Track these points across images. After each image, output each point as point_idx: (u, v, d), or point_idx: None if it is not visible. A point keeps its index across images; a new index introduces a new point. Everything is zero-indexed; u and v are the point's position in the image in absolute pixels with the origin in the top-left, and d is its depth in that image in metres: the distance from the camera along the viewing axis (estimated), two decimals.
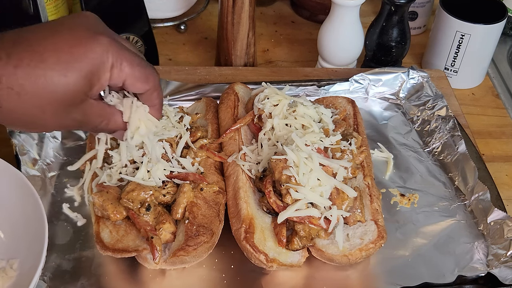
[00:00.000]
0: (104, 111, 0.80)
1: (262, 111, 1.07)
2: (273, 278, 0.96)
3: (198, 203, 0.96)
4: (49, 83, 0.69)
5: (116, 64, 0.74)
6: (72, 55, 0.70)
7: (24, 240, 0.88)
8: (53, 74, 0.69)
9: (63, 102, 0.71)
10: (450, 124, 1.18)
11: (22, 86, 0.67)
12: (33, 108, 0.70)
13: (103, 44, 0.72)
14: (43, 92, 0.69)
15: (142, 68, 0.78)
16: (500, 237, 0.99)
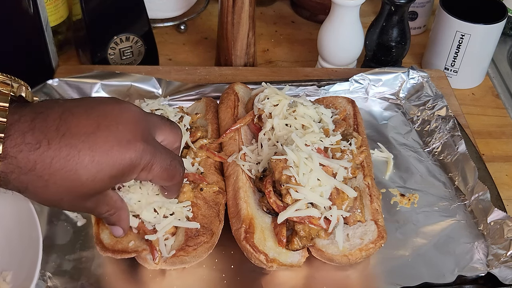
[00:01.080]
0: (113, 205, 0.82)
1: (262, 111, 1.07)
2: (273, 278, 0.96)
3: (198, 203, 0.96)
4: (77, 180, 0.70)
5: (146, 168, 0.76)
6: (107, 157, 0.71)
7: (17, 251, 0.86)
8: (84, 172, 0.70)
9: (83, 195, 0.73)
10: (450, 124, 1.18)
11: (52, 176, 0.69)
12: (54, 195, 0.71)
13: (139, 151, 0.73)
14: (69, 185, 0.70)
15: (171, 169, 0.80)
16: (500, 237, 0.99)
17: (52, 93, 1.19)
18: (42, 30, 1.22)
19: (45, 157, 0.67)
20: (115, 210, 0.82)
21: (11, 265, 0.87)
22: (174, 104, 1.23)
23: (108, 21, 1.31)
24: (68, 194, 0.72)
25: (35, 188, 0.69)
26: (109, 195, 0.80)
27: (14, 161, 0.66)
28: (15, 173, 0.67)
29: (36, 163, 0.67)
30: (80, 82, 1.22)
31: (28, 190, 0.70)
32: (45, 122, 0.69)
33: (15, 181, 0.68)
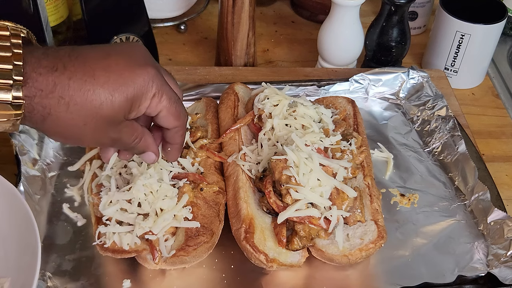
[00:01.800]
0: (137, 130, 0.83)
1: (262, 111, 1.07)
2: (273, 278, 0.96)
3: (198, 203, 0.96)
4: (96, 99, 0.73)
5: (157, 95, 0.78)
6: (121, 78, 0.74)
7: (15, 258, 0.85)
8: (101, 91, 0.73)
9: (104, 120, 0.75)
10: (450, 124, 1.18)
11: (72, 97, 0.71)
12: (78, 119, 0.73)
13: (150, 74, 0.77)
14: (89, 107, 0.73)
15: (178, 106, 0.83)
16: (500, 237, 0.99)
17: None
18: (42, 30, 1.22)
19: (63, 78, 0.71)
20: (141, 136, 0.84)
21: (9, 272, 0.85)
22: None
23: (108, 21, 1.31)
24: (89, 118, 0.74)
25: (58, 113, 0.71)
26: (130, 124, 0.81)
27: (35, 84, 0.69)
28: (37, 96, 0.69)
29: (55, 84, 0.70)
30: None
31: (51, 116, 0.72)
32: (57, 52, 0.73)
33: (38, 105, 0.70)
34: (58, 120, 0.73)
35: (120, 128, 0.79)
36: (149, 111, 0.81)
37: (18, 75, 0.68)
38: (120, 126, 0.79)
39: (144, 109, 0.80)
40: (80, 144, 0.82)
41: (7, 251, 0.87)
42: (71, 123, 0.74)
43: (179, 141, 0.90)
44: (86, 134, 0.76)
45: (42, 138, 1.13)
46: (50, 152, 1.12)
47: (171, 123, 0.84)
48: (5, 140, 1.09)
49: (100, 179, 1.00)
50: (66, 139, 0.79)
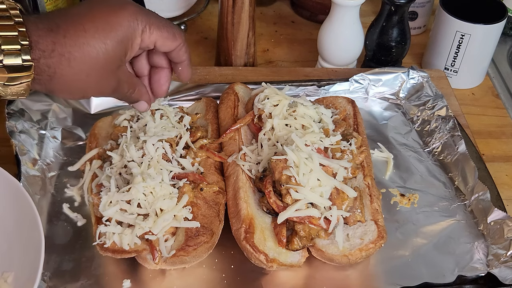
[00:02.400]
0: (132, 80, 0.90)
1: (262, 111, 1.07)
2: (273, 278, 0.96)
3: (198, 203, 0.96)
4: (92, 50, 0.78)
5: (145, 29, 0.84)
6: (108, 24, 0.80)
7: (19, 252, 0.86)
8: (94, 42, 0.78)
9: (104, 68, 0.81)
10: (450, 124, 1.18)
11: (71, 53, 0.77)
12: (80, 73, 0.79)
13: (132, 12, 0.82)
14: (88, 58, 0.78)
15: (169, 28, 0.88)
16: (500, 237, 0.99)
17: None
18: None
19: (59, 37, 0.76)
20: (134, 86, 0.90)
21: (13, 266, 0.86)
22: (174, 104, 1.23)
23: None
24: (91, 70, 0.80)
25: (61, 70, 0.77)
26: (126, 71, 0.88)
27: (38, 46, 0.74)
28: (42, 57, 0.75)
29: (54, 43, 0.76)
30: None
31: (56, 75, 0.77)
32: (49, 16, 0.80)
33: (44, 66, 0.76)
34: (63, 77, 0.78)
35: (118, 74, 0.85)
36: (144, 45, 0.86)
37: (24, 40, 0.73)
38: (119, 72, 0.85)
39: (137, 47, 0.84)
40: (85, 96, 0.86)
41: (11, 246, 0.88)
42: (75, 77, 0.79)
43: (186, 57, 0.94)
44: (90, 85, 0.82)
45: (42, 138, 1.13)
46: (50, 152, 1.12)
47: (170, 46, 0.89)
48: (5, 140, 1.09)
49: (100, 179, 1.00)
50: (73, 94, 0.84)
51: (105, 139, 1.11)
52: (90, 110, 1.23)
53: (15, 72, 0.74)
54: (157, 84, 0.96)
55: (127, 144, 1.00)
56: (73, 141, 1.16)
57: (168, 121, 1.06)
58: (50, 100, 1.19)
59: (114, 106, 1.24)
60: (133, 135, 1.04)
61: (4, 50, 0.72)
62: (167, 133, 1.02)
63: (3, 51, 0.72)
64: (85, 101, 1.22)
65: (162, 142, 1.00)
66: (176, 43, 0.90)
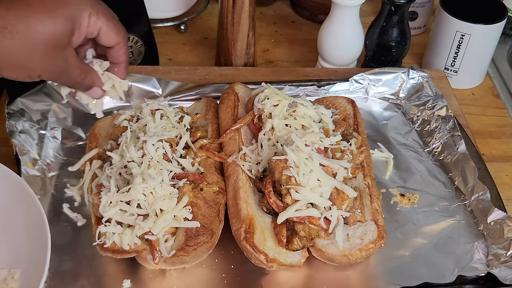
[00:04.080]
0: (82, 66, 0.89)
1: (262, 111, 1.07)
2: (273, 278, 0.96)
3: (198, 203, 0.96)
4: (38, 24, 0.78)
5: (93, 13, 0.84)
6: (55, 2, 0.80)
7: (26, 249, 0.87)
8: (40, 16, 0.78)
9: (50, 43, 0.80)
10: (450, 124, 1.18)
11: (14, 25, 0.76)
12: (24, 48, 0.78)
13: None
14: (32, 32, 0.78)
15: (116, 22, 0.89)
16: (500, 237, 0.99)
17: (52, 93, 1.19)
18: None
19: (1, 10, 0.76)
20: (85, 71, 0.90)
21: (20, 263, 0.87)
22: (174, 104, 1.23)
23: None
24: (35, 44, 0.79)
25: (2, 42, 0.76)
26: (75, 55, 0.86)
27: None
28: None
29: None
30: None
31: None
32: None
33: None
34: (5, 52, 0.77)
35: (66, 55, 0.84)
36: (90, 30, 0.85)
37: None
38: (66, 52, 0.84)
39: (85, 29, 0.84)
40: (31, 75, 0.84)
41: (18, 243, 0.89)
42: (19, 52, 0.78)
43: (124, 59, 0.94)
44: (35, 61, 0.81)
45: (42, 138, 1.13)
46: (50, 152, 1.12)
47: (112, 39, 0.89)
48: (5, 140, 1.09)
49: (100, 179, 1.00)
50: (18, 72, 0.82)
51: (105, 139, 1.11)
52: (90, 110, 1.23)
53: None
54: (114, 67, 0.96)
55: (127, 144, 1.00)
56: (73, 141, 1.16)
57: (168, 121, 1.06)
58: (50, 100, 1.19)
59: (114, 106, 1.24)
60: (133, 135, 1.04)
61: None
62: (167, 133, 1.02)
63: None
64: None
65: (162, 142, 0.99)
66: (118, 39, 0.90)
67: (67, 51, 0.84)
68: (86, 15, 0.84)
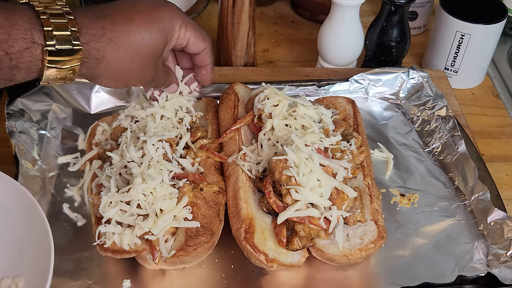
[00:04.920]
0: (166, 68, 1.02)
1: (262, 111, 1.07)
2: (273, 278, 0.96)
3: (198, 203, 0.96)
4: (138, 37, 0.88)
5: (183, 25, 0.95)
6: (152, 16, 0.90)
7: (30, 258, 0.87)
8: (140, 30, 0.88)
9: (147, 55, 0.90)
10: (450, 124, 1.18)
11: (118, 38, 0.86)
12: (126, 58, 0.87)
13: (173, 9, 0.94)
14: (134, 45, 0.87)
15: (201, 30, 1.01)
16: (500, 237, 0.99)
17: (52, 93, 1.20)
18: None
19: (108, 23, 0.85)
20: (168, 72, 1.03)
21: (23, 271, 0.87)
22: None
23: None
24: (136, 56, 0.88)
25: (109, 54, 0.85)
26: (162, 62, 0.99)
27: (87, 31, 0.83)
28: (92, 41, 0.83)
29: (103, 29, 0.84)
30: (80, 82, 1.22)
31: (104, 59, 0.85)
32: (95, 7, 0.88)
33: (93, 49, 0.84)
34: (110, 62, 0.86)
35: (157, 63, 0.95)
36: (180, 41, 0.97)
37: (73, 26, 0.81)
38: (158, 61, 0.95)
39: (175, 40, 0.95)
40: (127, 84, 0.94)
41: (22, 251, 0.89)
42: (121, 62, 0.87)
43: (210, 61, 1.07)
44: (133, 72, 0.90)
45: (42, 138, 1.13)
46: (50, 152, 1.12)
47: (200, 46, 1.01)
48: (5, 140, 1.09)
49: (100, 179, 1.00)
50: (116, 81, 0.92)
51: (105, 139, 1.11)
52: (90, 110, 1.23)
53: (67, 56, 0.81)
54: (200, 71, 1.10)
55: (127, 144, 1.00)
56: (73, 141, 1.16)
57: (169, 121, 1.06)
58: (50, 100, 1.19)
59: (114, 106, 1.24)
60: (133, 135, 1.04)
61: (56, 35, 0.79)
62: (167, 133, 1.02)
63: (55, 37, 0.79)
64: (85, 101, 1.22)
65: (162, 142, 0.99)
66: (205, 45, 1.02)
67: (158, 61, 0.95)
68: (177, 28, 0.94)
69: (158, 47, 0.92)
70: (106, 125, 1.13)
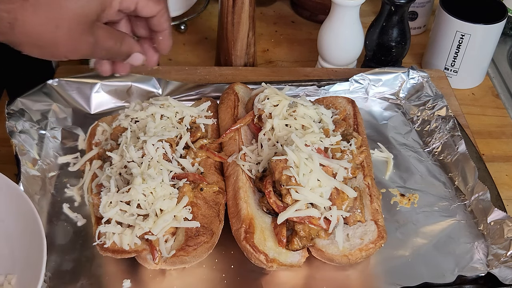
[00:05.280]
0: (114, 33, 0.82)
1: (262, 111, 1.07)
2: (273, 278, 0.96)
3: (198, 203, 0.96)
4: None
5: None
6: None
7: (22, 255, 0.87)
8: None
9: (76, 19, 0.74)
10: (450, 124, 1.18)
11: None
12: (48, 23, 0.72)
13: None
14: (56, 6, 0.72)
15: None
16: (500, 237, 0.99)
17: (52, 93, 1.20)
18: None
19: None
20: (121, 38, 0.83)
21: (16, 269, 0.87)
22: None
23: None
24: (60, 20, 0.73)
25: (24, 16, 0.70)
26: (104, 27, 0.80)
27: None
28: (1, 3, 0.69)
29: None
30: (80, 82, 1.22)
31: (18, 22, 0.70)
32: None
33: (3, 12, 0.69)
34: (27, 25, 0.71)
35: (94, 30, 0.78)
36: (126, 4, 0.80)
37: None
38: (94, 27, 0.78)
39: (117, 6, 0.79)
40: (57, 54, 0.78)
41: (13, 248, 0.88)
42: (42, 28, 0.72)
43: (167, 26, 0.89)
44: (61, 39, 0.75)
45: (42, 138, 1.13)
46: (50, 152, 1.12)
47: (152, 9, 0.84)
48: (5, 140, 1.09)
49: (100, 179, 1.00)
50: (42, 49, 0.76)
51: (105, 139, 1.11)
52: (90, 110, 1.23)
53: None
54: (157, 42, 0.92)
55: (127, 144, 1.00)
56: (73, 141, 1.16)
57: (169, 121, 1.06)
58: (50, 100, 1.19)
59: (114, 106, 1.24)
60: (133, 135, 1.04)
61: None
62: (167, 133, 1.02)
63: None
64: (85, 101, 1.22)
65: (162, 142, 1.00)
66: (158, 7, 0.85)
67: (95, 27, 0.78)
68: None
69: (91, 11, 0.76)
70: (106, 125, 1.13)
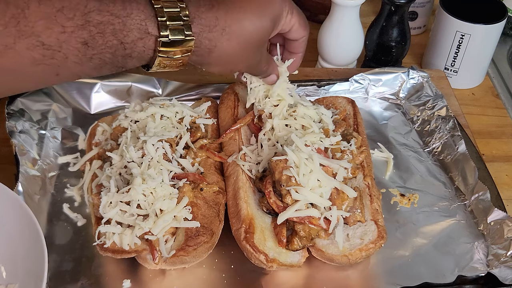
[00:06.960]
0: (268, 56, 1.00)
1: (262, 111, 1.07)
2: (273, 278, 0.96)
3: (198, 203, 0.96)
4: (250, 25, 0.86)
5: (290, 12, 0.94)
6: (262, 3, 0.88)
7: (23, 264, 0.86)
8: (252, 17, 0.87)
9: (256, 42, 0.89)
10: (450, 124, 1.18)
11: (231, 27, 0.85)
12: (237, 47, 0.86)
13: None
14: (245, 33, 0.86)
15: (304, 17, 1.00)
16: (500, 237, 0.99)
17: (52, 93, 1.20)
18: None
19: (221, 13, 0.84)
20: (270, 61, 1.01)
21: (17, 278, 0.86)
22: None
23: None
24: (246, 44, 0.87)
25: (221, 43, 0.85)
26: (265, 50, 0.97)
27: (200, 21, 0.83)
28: (204, 31, 0.83)
29: (217, 19, 0.84)
30: (80, 82, 1.22)
31: (216, 48, 0.85)
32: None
33: (205, 39, 0.83)
34: (221, 51, 0.85)
35: (262, 50, 0.94)
36: (285, 27, 0.96)
37: (185, 15, 0.81)
38: (263, 47, 0.94)
39: (281, 26, 0.94)
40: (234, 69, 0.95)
41: (15, 257, 0.88)
42: (232, 51, 0.86)
43: (303, 49, 1.06)
44: (242, 59, 0.90)
45: (42, 138, 1.13)
46: (50, 152, 1.12)
47: (301, 33, 1.00)
48: (5, 140, 1.09)
49: (100, 179, 1.00)
50: (224, 67, 0.91)
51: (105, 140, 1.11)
52: (90, 110, 1.23)
53: (178, 46, 0.81)
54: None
55: (127, 144, 1.00)
56: (73, 141, 1.16)
57: (168, 121, 1.06)
58: (50, 100, 1.19)
59: (114, 106, 1.24)
60: (133, 135, 1.04)
61: (169, 26, 0.79)
62: (167, 133, 1.02)
63: (168, 27, 0.79)
64: (85, 101, 1.22)
65: (162, 142, 0.99)
66: (304, 33, 1.01)
67: (264, 47, 0.94)
68: (284, 15, 0.93)
69: (266, 34, 0.91)
70: (106, 125, 1.13)
